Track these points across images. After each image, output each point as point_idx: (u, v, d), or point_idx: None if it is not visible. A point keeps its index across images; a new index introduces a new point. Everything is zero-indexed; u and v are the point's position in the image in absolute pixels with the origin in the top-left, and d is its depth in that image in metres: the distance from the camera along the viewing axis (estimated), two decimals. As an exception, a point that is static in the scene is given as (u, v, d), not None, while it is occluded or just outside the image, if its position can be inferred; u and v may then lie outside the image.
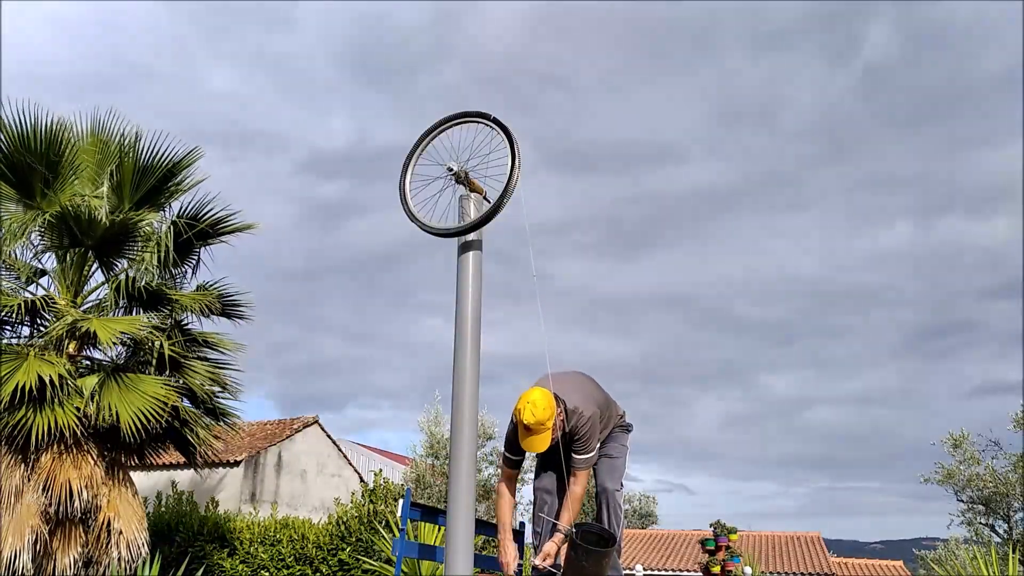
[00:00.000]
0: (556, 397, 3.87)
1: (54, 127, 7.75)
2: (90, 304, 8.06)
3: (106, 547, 7.27)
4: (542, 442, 3.76)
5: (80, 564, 7.17)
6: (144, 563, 7.50)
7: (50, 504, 7.01)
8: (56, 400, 7.09)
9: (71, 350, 7.62)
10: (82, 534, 7.27)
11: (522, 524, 5.55)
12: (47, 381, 6.92)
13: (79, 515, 7.20)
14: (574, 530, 3.74)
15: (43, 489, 7.05)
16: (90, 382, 7.41)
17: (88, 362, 8.00)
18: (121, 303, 7.92)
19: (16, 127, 7.57)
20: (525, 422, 3.74)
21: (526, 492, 21.88)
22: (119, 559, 7.24)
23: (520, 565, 4.11)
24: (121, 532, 7.31)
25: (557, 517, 4.00)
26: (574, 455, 3.92)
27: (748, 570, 10.83)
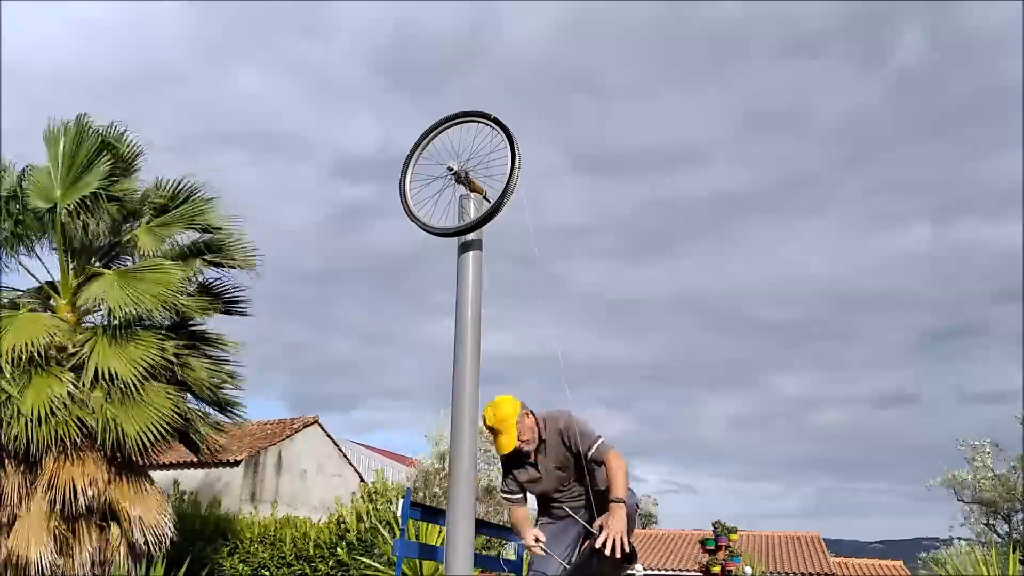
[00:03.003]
0: (524, 406, 3.85)
1: (58, 134, 7.77)
2: (92, 304, 8.07)
3: (131, 536, 7.35)
4: (509, 441, 3.75)
5: (98, 561, 7.21)
6: (147, 563, 7.53)
7: (63, 504, 7.04)
8: (65, 411, 7.12)
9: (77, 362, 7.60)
10: (98, 529, 7.32)
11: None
12: (56, 400, 7.00)
13: (90, 512, 7.25)
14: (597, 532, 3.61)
15: (50, 488, 7.08)
16: (97, 396, 7.41)
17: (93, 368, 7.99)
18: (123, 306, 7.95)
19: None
20: (487, 424, 3.79)
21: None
22: (135, 548, 7.32)
23: (520, 562, 4.09)
24: (142, 519, 7.38)
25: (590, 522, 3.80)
26: (591, 450, 3.79)
27: (748, 570, 10.84)
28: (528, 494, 4.06)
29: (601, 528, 3.51)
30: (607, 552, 3.40)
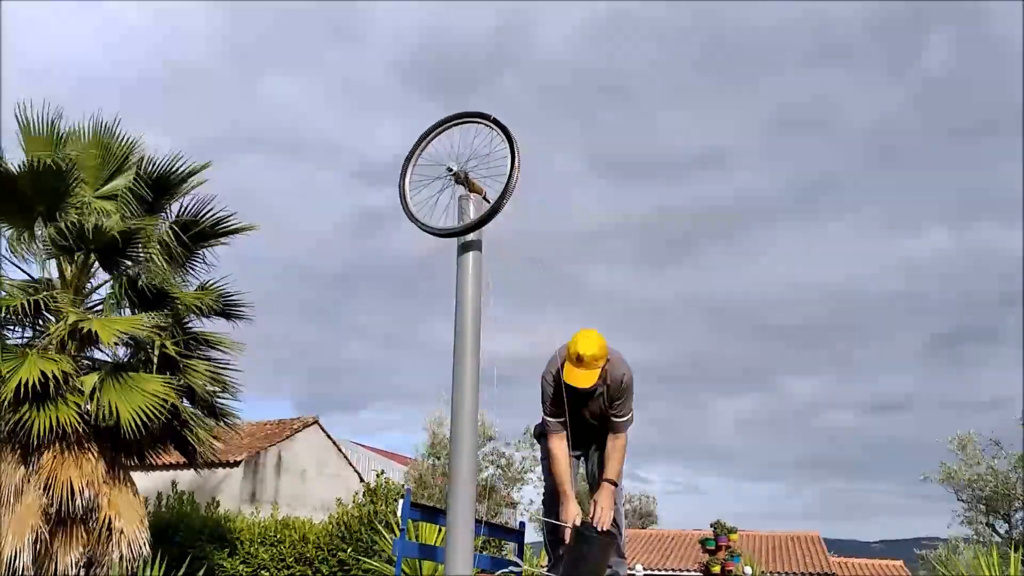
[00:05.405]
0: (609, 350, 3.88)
1: (59, 131, 7.75)
2: (92, 303, 8.07)
3: (107, 547, 7.28)
4: (588, 378, 3.74)
5: (82, 564, 7.18)
6: (146, 564, 7.51)
7: (51, 503, 7.01)
8: (59, 397, 7.10)
9: (72, 349, 7.63)
10: (83, 533, 7.28)
11: (521, 526, 5.53)
12: (49, 378, 6.94)
13: (80, 514, 7.21)
14: (578, 521, 3.76)
15: (44, 488, 7.05)
16: (90, 380, 7.41)
17: (89, 361, 8.01)
18: (123, 304, 7.94)
19: (21, 131, 7.58)
20: (581, 351, 3.71)
21: (525, 491, 21.78)
22: (120, 558, 7.25)
23: (520, 566, 4.09)
24: (122, 531, 7.31)
25: (601, 471, 3.96)
26: (614, 418, 3.92)
27: (748, 570, 10.83)
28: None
29: (595, 504, 3.78)
30: (596, 525, 3.67)
